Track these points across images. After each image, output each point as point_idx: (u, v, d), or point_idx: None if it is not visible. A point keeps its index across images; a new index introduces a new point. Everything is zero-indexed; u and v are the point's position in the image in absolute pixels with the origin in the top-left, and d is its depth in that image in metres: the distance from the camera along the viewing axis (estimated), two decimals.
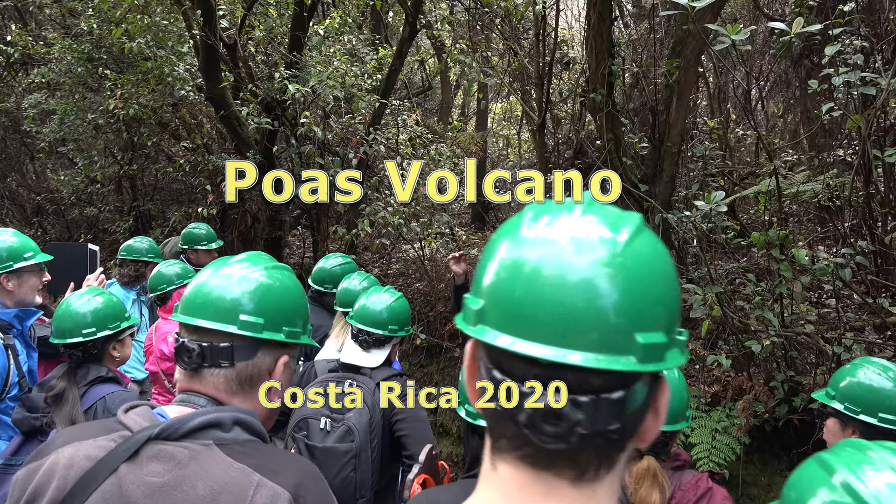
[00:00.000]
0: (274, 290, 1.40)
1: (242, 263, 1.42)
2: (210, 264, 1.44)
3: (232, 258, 1.44)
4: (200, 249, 5.13)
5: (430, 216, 7.77)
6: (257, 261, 1.43)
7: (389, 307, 2.73)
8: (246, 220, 9.27)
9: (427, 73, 15.81)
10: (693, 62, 5.59)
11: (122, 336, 2.74)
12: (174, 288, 3.99)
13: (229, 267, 1.41)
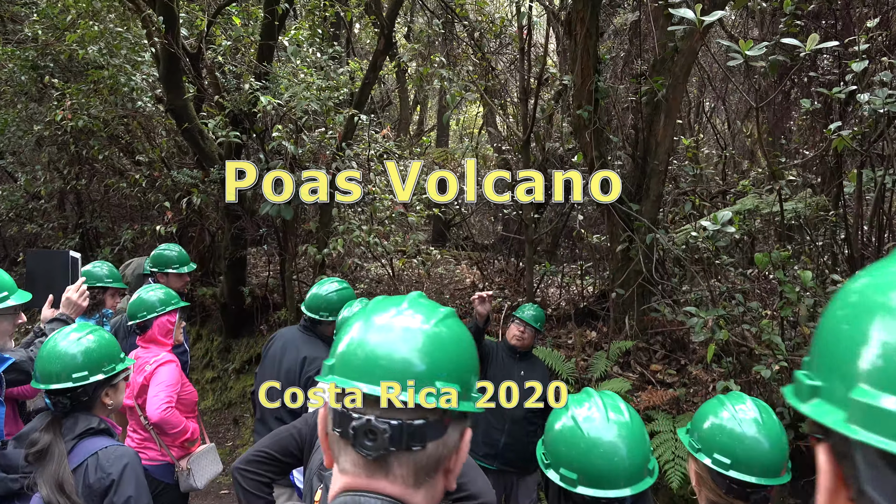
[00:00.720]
0: (460, 347, 1.08)
1: (413, 311, 1.07)
2: (367, 310, 1.09)
3: (384, 302, 1.10)
4: (172, 273, 4.75)
5: (404, 234, 7.53)
6: (428, 308, 1.09)
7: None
8: (204, 238, 8.84)
9: (386, 88, 15.58)
10: (682, 79, 5.53)
11: (116, 380, 2.41)
12: (156, 315, 3.63)
13: (401, 316, 1.06)
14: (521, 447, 4.07)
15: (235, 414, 7.74)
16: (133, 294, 5.27)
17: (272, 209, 6.33)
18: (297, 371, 3.46)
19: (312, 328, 3.63)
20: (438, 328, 1.04)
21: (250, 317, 8.16)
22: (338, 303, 3.53)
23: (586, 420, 1.64)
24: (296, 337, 3.62)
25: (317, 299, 3.58)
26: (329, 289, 3.60)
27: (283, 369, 3.52)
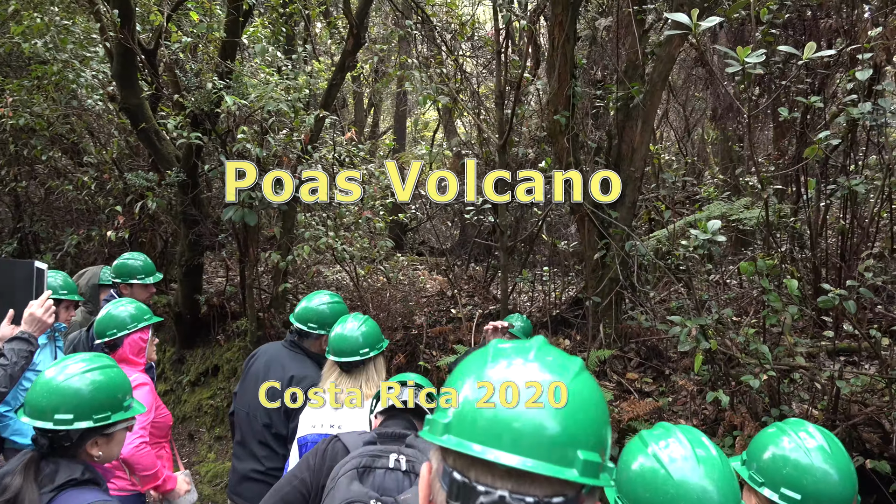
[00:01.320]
0: (600, 408, 0.93)
1: (540, 363, 0.93)
2: (488, 358, 0.94)
3: (507, 350, 0.96)
4: (137, 284, 4.44)
5: (370, 240, 7.33)
6: (562, 359, 0.96)
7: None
8: (157, 244, 8.43)
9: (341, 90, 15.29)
10: (659, 86, 5.51)
11: (110, 430, 2.12)
12: (127, 333, 3.35)
13: (524, 367, 0.91)
14: None
15: (190, 429, 7.38)
16: (98, 306, 4.95)
17: (235, 214, 6.04)
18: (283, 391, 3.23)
19: (299, 343, 3.41)
20: (577, 384, 0.89)
21: (206, 326, 7.81)
22: (330, 317, 3.32)
23: (672, 460, 1.51)
24: (281, 353, 3.39)
25: (308, 311, 3.36)
26: (320, 301, 3.39)
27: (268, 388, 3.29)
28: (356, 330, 2.95)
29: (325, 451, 2.26)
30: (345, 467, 2.04)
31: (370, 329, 2.98)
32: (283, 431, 3.25)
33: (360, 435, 2.23)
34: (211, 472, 6.70)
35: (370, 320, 3.04)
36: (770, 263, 4.29)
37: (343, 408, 2.87)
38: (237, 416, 3.45)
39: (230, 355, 7.38)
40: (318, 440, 2.87)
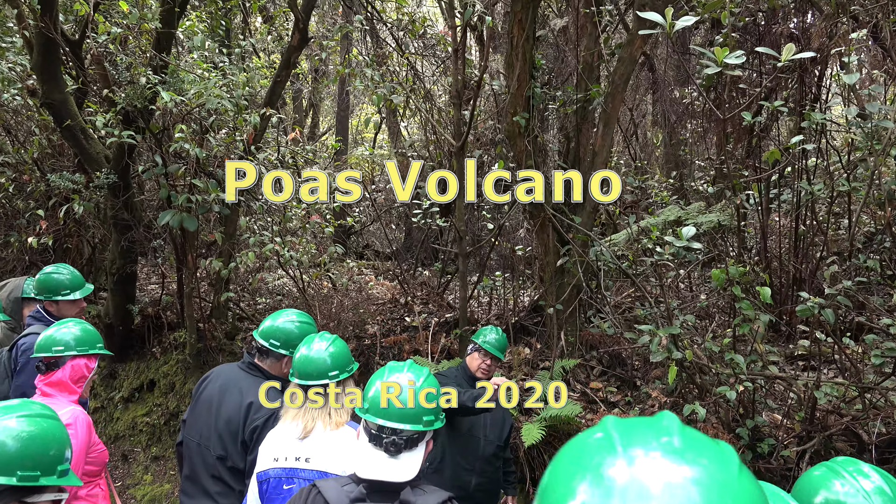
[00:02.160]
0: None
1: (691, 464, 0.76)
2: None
3: (620, 427, 0.79)
4: (62, 301, 3.99)
5: (318, 246, 6.96)
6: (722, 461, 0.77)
7: (419, 388, 2.02)
8: (84, 250, 7.83)
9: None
10: (621, 87, 5.38)
11: (35, 499, 1.75)
12: (74, 355, 2.94)
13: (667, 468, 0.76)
14: (491, 486, 3.71)
15: (124, 449, 6.84)
16: (21, 323, 4.43)
17: (173, 218, 5.60)
18: (241, 420, 2.88)
19: (258, 365, 3.06)
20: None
21: (140, 338, 7.27)
22: (297, 337, 2.98)
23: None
24: (237, 376, 3.04)
25: (273, 329, 3.02)
26: (288, 319, 3.05)
27: (223, 417, 2.92)
28: (323, 351, 2.64)
29: (304, 501, 1.93)
30: None
31: (339, 350, 2.68)
32: (241, 465, 2.90)
33: (343, 486, 1.89)
34: (148, 496, 6.20)
35: (339, 340, 2.73)
36: (741, 270, 4.20)
37: (311, 436, 2.55)
38: (186, 446, 3.07)
39: (167, 369, 6.88)
40: (282, 475, 2.55)
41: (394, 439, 1.92)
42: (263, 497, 2.57)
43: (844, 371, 4.96)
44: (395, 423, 1.93)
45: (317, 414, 2.58)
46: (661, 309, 4.72)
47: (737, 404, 4.20)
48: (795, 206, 5.88)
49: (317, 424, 2.58)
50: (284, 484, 2.51)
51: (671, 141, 8.53)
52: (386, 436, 1.93)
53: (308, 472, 2.49)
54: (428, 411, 1.99)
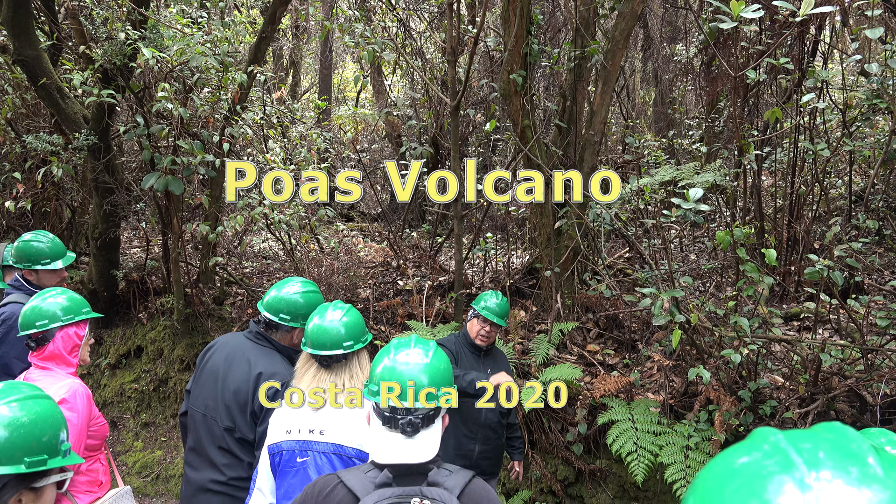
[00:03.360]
0: None
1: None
2: None
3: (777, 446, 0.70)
4: (42, 270, 3.83)
5: (307, 208, 6.81)
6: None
7: (431, 366, 1.91)
8: (63, 214, 7.59)
9: None
10: (621, 44, 5.24)
11: (39, 483, 1.66)
12: (60, 326, 2.81)
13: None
14: (494, 453, 3.68)
15: (113, 415, 6.74)
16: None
17: (157, 182, 5.42)
18: (250, 391, 2.78)
19: (265, 336, 2.95)
20: None
21: (125, 304, 7.11)
22: (304, 307, 2.87)
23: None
24: (245, 346, 2.93)
25: (278, 301, 2.90)
26: (293, 290, 2.93)
27: (230, 388, 2.82)
28: (338, 321, 2.54)
29: (324, 502, 1.82)
30: None
31: (353, 319, 2.59)
32: (250, 436, 2.82)
33: (366, 473, 1.79)
34: (139, 463, 6.13)
35: (353, 310, 2.63)
36: (747, 232, 4.14)
37: (325, 407, 2.47)
38: (191, 417, 2.97)
39: (154, 335, 6.75)
40: (295, 448, 2.47)
41: (410, 419, 1.81)
42: (276, 470, 2.50)
43: (841, 332, 4.99)
44: (408, 402, 1.83)
45: (330, 385, 2.50)
46: (663, 271, 4.68)
47: (739, 367, 4.19)
48: (792, 165, 5.83)
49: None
50: (298, 456, 2.44)
51: (662, 100, 8.43)
52: (401, 416, 1.82)
53: (323, 445, 2.42)
54: (443, 385, 1.91)
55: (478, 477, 1.86)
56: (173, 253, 6.23)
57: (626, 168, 7.85)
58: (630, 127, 8.18)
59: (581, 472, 4.56)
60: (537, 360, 4.94)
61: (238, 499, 2.85)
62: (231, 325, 6.44)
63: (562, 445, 4.60)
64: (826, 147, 4.55)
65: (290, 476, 2.46)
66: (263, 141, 6.99)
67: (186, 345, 6.47)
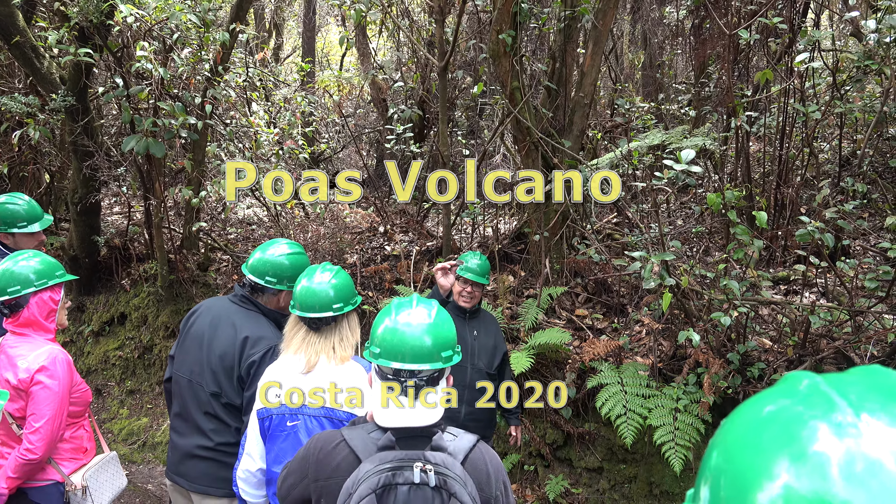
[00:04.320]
0: None
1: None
2: None
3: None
4: (19, 234, 3.72)
5: (292, 173, 6.69)
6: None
7: (434, 326, 1.87)
8: (41, 179, 7.41)
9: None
10: (612, 4, 5.12)
11: None
12: (34, 291, 2.72)
13: None
14: (483, 415, 3.66)
15: (97, 383, 6.67)
16: None
17: (138, 144, 5.26)
18: (236, 355, 2.73)
19: (251, 299, 2.89)
20: None
21: (107, 270, 7.00)
22: (290, 269, 2.81)
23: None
24: (230, 310, 2.86)
25: (263, 263, 2.83)
26: (278, 251, 2.85)
27: (216, 352, 2.77)
28: (327, 283, 2.48)
29: (325, 457, 1.78)
30: (359, 490, 1.59)
31: (342, 281, 2.53)
32: (237, 401, 2.77)
33: (370, 433, 1.76)
34: (125, 430, 6.09)
35: (342, 272, 2.57)
36: (738, 195, 4.10)
37: (315, 371, 2.42)
38: (176, 383, 2.92)
39: (138, 302, 6.66)
40: (285, 412, 2.43)
41: (414, 381, 1.77)
42: (265, 434, 2.46)
43: (828, 295, 5.01)
44: (411, 363, 1.78)
45: (320, 347, 2.44)
46: (653, 235, 4.64)
47: (728, 330, 4.19)
48: (781, 129, 5.79)
49: (320, 359, 2.45)
50: (288, 420, 2.40)
51: (651, 63, 8.32)
52: (404, 378, 1.77)
53: (313, 409, 2.38)
54: (446, 346, 1.86)
55: (483, 442, 1.83)
56: (156, 218, 6.11)
57: (615, 132, 7.77)
58: (618, 90, 8.08)
59: (570, 436, 4.57)
60: (526, 324, 4.92)
61: (226, 464, 2.82)
62: (216, 291, 6.36)
63: (550, 409, 4.60)
64: (817, 109, 4.50)
65: (280, 440, 2.43)
66: (246, 104, 6.84)
67: (171, 311, 6.39)
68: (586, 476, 4.56)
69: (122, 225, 7.41)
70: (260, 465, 2.50)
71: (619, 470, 4.45)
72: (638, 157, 6.22)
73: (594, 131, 6.99)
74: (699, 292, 4.27)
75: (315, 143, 9.77)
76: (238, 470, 2.56)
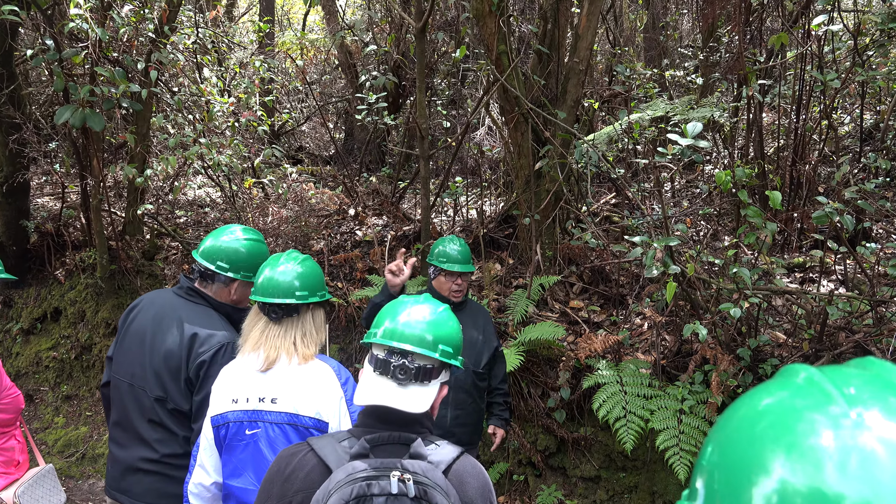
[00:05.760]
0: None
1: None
2: None
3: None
4: None
5: (249, 148, 6.62)
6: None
7: (439, 321, 1.93)
8: None
9: None
10: None
11: None
12: None
13: None
14: (471, 419, 3.66)
15: (28, 388, 6.59)
16: None
17: (74, 117, 5.17)
18: (183, 355, 2.68)
19: (199, 291, 2.84)
20: None
21: (38, 259, 6.90)
22: (246, 258, 2.77)
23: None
24: (175, 305, 2.82)
25: (216, 250, 2.79)
26: (233, 237, 2.81)
27: (159, 352, 2.72)
28: (291, 269, 2.48)
29: (291, 473, 1.75)
30: (330, 502, 1.58)
31: (309, 270, 2.51)
32: (185, 406, 2.74)
33: (340, 441, 1.75)
34: (61, 441, 6.03)
35: (311, 260, 2.55)
36: (748, 172, 4.12)
37: (275, 370, 2.39)
38: (115, 388, 2.88)
39: (74, 295, 6.58)
40: (244, 419, 2.40)
41: (404, 363, 1.81)
42: (221, 444, 2.43)
43: (847, 283, 5.07)
44: (406, 343, 1.83)
45: (280, 342, 2.42)
46: (656, 217, 4.66)
47: (738, 322, 4.22)
48: (797, 99, 5.82)
49: (280, 355, 2.42)
50: (247, 429, 2.37)
51: (654, 25, 8.33)
52: (395, 360, 1.82)
53: (275, 415, 2.36)
54: (446, 342, 1.88)
55: (468, 454, 1.83)
56: (94, 200, 6.02)
57: (614, 102, 7.78)
58: (618, 55, 8.08)
59: (563, 441, 4.60)
60: (515, 318, 4.93)
61: (174, 478, 2.78)
62: (163, 282, 6.31)
63: (542, 412, 4.62)
64: (836, 77, 4.52)
65: (238, 451, 2.40)
66: (197, 69, 6.74)
67: (112, 306, 6.32)
68: (582, 486, 4.59)
69: (54, 208, 7.30)
70: (215, 479, 2.47)
71: (619, 479, 4.48)
72: (639, 130, 6.25)
73: (590, 101, 6.97)
74: (706, 281, 4.29)
75: (275, 114, 9.67)
76: (189, 484, 2.53)
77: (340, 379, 2.45)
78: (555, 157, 5.11)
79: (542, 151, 5.14)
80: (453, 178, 6.58)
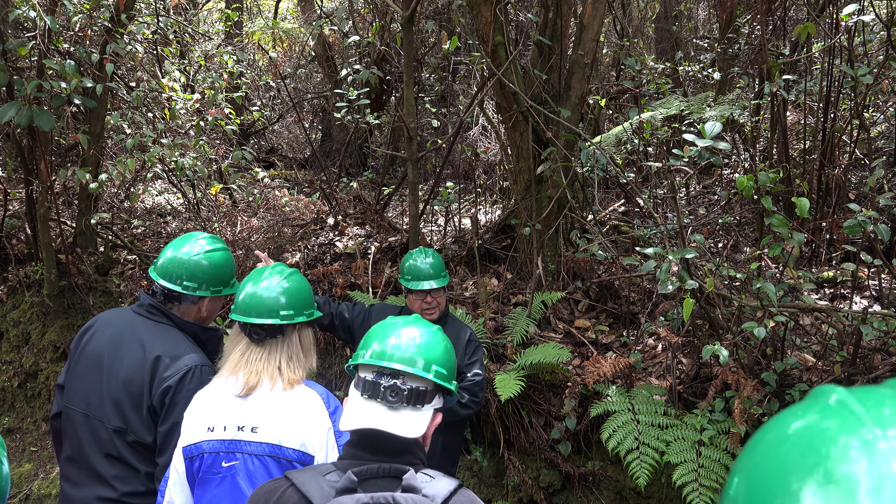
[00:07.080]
0: None
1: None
2: None
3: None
4: None
5: (216, 149, 6.64)
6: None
7: (427, 343, 1.98)
8: None
9: None
10: None
11: None
12: None
13: None
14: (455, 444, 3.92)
15: None
16: None
17: (19, 115, 5.17)
18: (146, 380, 2.68)
19: (161, 309, 2.84)
20: None
21: None
22: (210, 271, 2.78)
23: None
24: (135, 324, 2.82)
25: (176, 263, 2.79)
26: (197, 248, 2.82)
27: (118, 378, 2.72)
28: (275, 285, 2.50)
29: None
30: None
31: (297, 285, 2.54)
32: (147, 439, 2.73)
33: (324, 475, 1.75)
34: None
35: (298, 275, 2.58)
36: (773, 177, 4.16)
37: (256, 396, 2.40)
38: (67, 419, 2.87)
39: (18, 315, 6.57)
40: (220, 449, 2.40)
41: (395, 384, 1.84)
42: (194, 478, 2.44)
43: (882, 300, 5.11)
44: (397, 363, 1.86)
45: (262, 366, 2.43)
46: (670, 227, 4.69)
47: (763, 343, 4.25)
48: (825, 96, 5.89)
49: (262, 380, 2.43)
50: (224, 460, 2.38)
51: (667, 14, 8.42)
52: (385, 381, 1.84)
53: (255, 446, 2.36)
54: (441, 364, 1.92)
55: (466, 487, 1.84)
56: (41, 208, 6.02)
57: (622, 99, 7.85)
58: (627, 47, 8.17)
59: (569, 477, 4.61)
60: (514, 339, 4.95)
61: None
62: (119, 300, 6.30)
63: (545, 445, 4.62)
64: (868, 72, 4.58)
65: (213, 486, 2.41)
66: (157, 62, 6.76)
67: (61, 327, 6.32)
68: None
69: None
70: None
71: None
72: (650, 130, 6.31)
73: (597, 98, 7.03)
74: (727, 298, 4.32)
75: (245, 111, 9.69)
76: None
77: (329, 408, 2.45)
78: (557, 160, 5.14)
79: (543, 154, 5.18)
80: (444, 184, 6.61)
